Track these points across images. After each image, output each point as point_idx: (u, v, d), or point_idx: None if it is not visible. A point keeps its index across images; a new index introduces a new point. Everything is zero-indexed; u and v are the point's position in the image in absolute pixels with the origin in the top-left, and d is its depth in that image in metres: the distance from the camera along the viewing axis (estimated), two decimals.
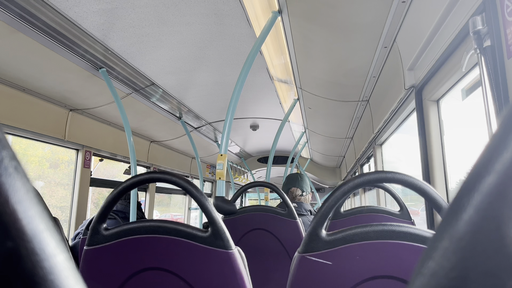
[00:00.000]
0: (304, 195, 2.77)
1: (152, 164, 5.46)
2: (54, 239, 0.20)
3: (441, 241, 0.20)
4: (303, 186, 2.78)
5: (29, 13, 2.15)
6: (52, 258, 0.19)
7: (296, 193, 2.75)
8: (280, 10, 2.29)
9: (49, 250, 0.19)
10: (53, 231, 0.20)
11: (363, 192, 5.59)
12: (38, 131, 3.26)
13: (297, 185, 2.77)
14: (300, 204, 2.66)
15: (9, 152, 0.19)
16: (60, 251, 0.20)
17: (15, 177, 0.19)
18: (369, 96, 3.32)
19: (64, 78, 3.02)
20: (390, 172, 0.96)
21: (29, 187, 0.20)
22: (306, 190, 2.78)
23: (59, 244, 0.20)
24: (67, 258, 0.20)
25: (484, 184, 0.19)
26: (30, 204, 0.19)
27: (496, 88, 1.15)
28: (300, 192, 2.75)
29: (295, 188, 2.76)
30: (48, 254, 0.19)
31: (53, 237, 0.20)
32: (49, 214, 1.31)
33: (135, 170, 3.52)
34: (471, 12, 1.32)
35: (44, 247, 0.19)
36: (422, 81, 2.00)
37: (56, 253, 0.20)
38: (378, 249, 0.96)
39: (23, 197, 0.19)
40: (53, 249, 0.20)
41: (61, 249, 0.20)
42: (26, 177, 0.20)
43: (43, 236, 0.19)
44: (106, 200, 1.10)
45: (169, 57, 3.04)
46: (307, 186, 2.82)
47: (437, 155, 2.02)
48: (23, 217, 0.19)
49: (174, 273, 1.07)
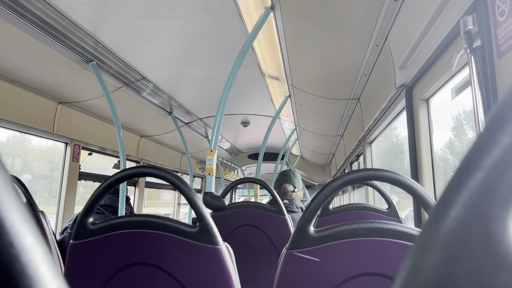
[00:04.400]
0: (296, 192, 2.78)
1: (142, 159, 5.43)
2: (32, 233, 0.19)
3: (428, 238, 0.20)
4: (295, 183, 2.79)
5: (18, 4, 2.12)
6: (29, 252, 0.19)
7: (288, 189, 2.76)
8: (272, 6, 2.28)
9: (27, 243, 0.19)
10: (31, 224, 0.20)
11: (352, 189, 5.62)
12: (26, 124, 3.22)
13: (289, 181, 2.78)
14: (291, 201, 2.67)
15: None
16: (39, 245, 0.19)
17: None
18: (359, 94, 3.33)
19: (53, 71, 2.98)
20: (379, 170, 0.96)
21: (6, 179, 0.19)
22: (298, 187, 2.80)
23: (37, 237, 0.20)
24: (45, 252, 0.20)
25: (472, 181, 0.19)
26: (7, 197, 0.19)
27: (485, 87, 1.16)
28: (292, 188, 2.76)
29: (287, 184, 2.77)
30: (26, 248, 0.19)
31: (31, 230, 0.19)
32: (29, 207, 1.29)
33: (124, 165, 3.49)
34: (462, 12, 1.32)
35: (21, 240, 0.19)
36: (413, 80, 2.01)
37: (34, 247, 0.19)
38: (366, 246, 0.96)
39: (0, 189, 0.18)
40: (31, 242, 0.19)
41: (40, 243, 0.20)
42: (4, 169, 0.19)
43: (21, 229, 0.19)
44: (93, 194, 1.09)
45: (160, 51, 3.02)
46: (299, 183, 2.83)
47: (425, 154, 2.03)
48: (0, 210, 0.18)
49: (161, 268, 1.06)
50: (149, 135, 5.41)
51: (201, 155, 7.37)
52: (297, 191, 2.79)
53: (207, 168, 2.33)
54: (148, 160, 5.60)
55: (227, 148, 7.93)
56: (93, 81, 3.17)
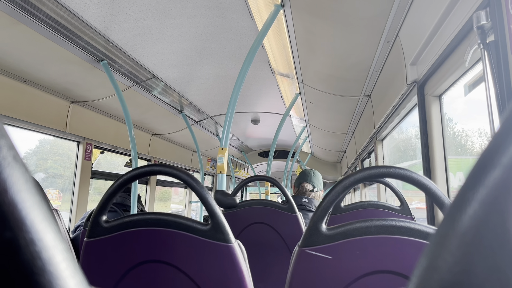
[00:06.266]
0: (316, 191, 2.77)
1: (153, 157, 5.47)
2: (52, 230, 0.20)
3: (445, 236, 0.20)
4: (315, 182, 2.78)
5: (31, 4, 2.14)
6: (50, 249, 0.19)
7: (307, 188, 2.75)
8: (282, 3, 2.27)
9: (48, 240, 0.19)
10: (52, 222, 0.20)
11: (363, 187, 5.59)
12: (39, 123, 3.26)
13: (308, 180, 2.77)
14: (310, 200, 2.67)
15: (7, 141, 0.19)
16: (59, 242, 0.20)
17: (14, 167, 0.19)
18: (371, 91, 3.31)
19: (65, 70, 3.01)
20: (392, 167, 0.95)
21: (28, 177, 0.19)
22: (318, 186, 2.79)
23: (58, 234, 0.20)
24: (66, 248, 0.20)
25: (490, 178, 0.19)
26: (28, 194, 0.19)
27: (499, 83, 1.14)
28: (311, 187, 2.75)
29: (307, 183, 2.77)
30: (47, 245, 0.19)
31: (52, 227, 0.20)
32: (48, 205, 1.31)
33: (136, 163, 3.52)
34: (475, 7, 1.31)
35: (42, 237, 0.19)
36: (425, 76, 2.00)
37: (55, 244, 0.19)
38: (379, 244, 0.96)
39: (22, 187, 0.19)
40: (51, 239, 0.19)
41: (60, 240, 0.20)
42: (25, 167, 0.20)
43: (42, 226, 0.19)
44: (106, 192, 1.10)
45: (170, 50, 3.03)
46: (319, 183, 2.82)
47: (438, 151, 2.01)
48: (22, 207, 0.18)
49: (174, 265, 1.07)
50: (160, 133, 5.44)
51: (211, 153, 7.39)
52: (316, 191, 2.77)
53: (218, 166, 2.34)
54: (159, 158, 5.63)
55: (238, 146, 7.94)
56: (105, 80, 3.20)
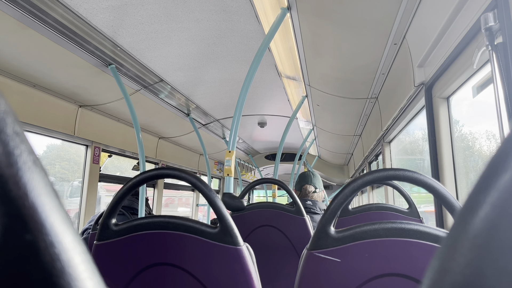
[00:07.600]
0: (317, 192, 2.78)
1: (161, 161, 5.49)
2: (71, 232, 0.20)
3: (456, 238, 0.20)
4: (316, 183, 2.79)
5: (39, 10, 2.17)
6: (69, 251, 0.20)
7: (309, 190, 2.76)
8: (289, 6, 2.28)
9: (67, 243, 0.20)
10: (70, 224, 0.20)
11: (371, 189, 5.57)
12: (48, 127, 3.29)
13: (310, 182, 2.78)
14: (314, 202, 2.67)
15: (27, 146, 0.19)
16: (77, 244, 0.20)
17: (34, 171, 0.19)
18: (378, 93, 3.30)
19: (73, 74, 3.04)
20: (400, 170, 0.95)
21: (47, 181, 0.20)
22: (319, 187, 2.80)
23: (76, 237, 0.20)
24: (83, 251, 0.21)
25: (501, 181, 0.19)
26: (48, 198, 0.19)
27: (508, 85, 1.14)
28: (313, 189, 2.76)
29: (308, 185, 2.77)
30: (66, 247, 0.19)
31: (70, 230, 0.20)
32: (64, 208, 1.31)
33: (144, 166, 3.53)
34: (483, 9, 1.30)
35: (62, 239, 0.19)
36: (432, 78, 1.99)
37: (74, 246, 0.20)
38: (388, 247, 0.96)
39: (42, 190, 0.19)
40: (70, 242, 0.20)
41: (78, 242, 0.20)
42: (44, 171, 0.20)
43: (61, 229, 0.20)
44: (116, 195, 1.11)
45: (177, 53, 3.05)
46: (320, 183, 2.84)
47: (446, 153, 2.00)
48: (42, 210, 0.19)
49: (183, 268, 1.07)
50: (168, 136, 5.46)
51: (218, 156, 7.40)
52: (318, 192, 2.78)
53: (225, 169, 2.34)
54: (166, 161, 5.65)
55: (244, 149, 7.94)
56: (112, 84, 3.22)
